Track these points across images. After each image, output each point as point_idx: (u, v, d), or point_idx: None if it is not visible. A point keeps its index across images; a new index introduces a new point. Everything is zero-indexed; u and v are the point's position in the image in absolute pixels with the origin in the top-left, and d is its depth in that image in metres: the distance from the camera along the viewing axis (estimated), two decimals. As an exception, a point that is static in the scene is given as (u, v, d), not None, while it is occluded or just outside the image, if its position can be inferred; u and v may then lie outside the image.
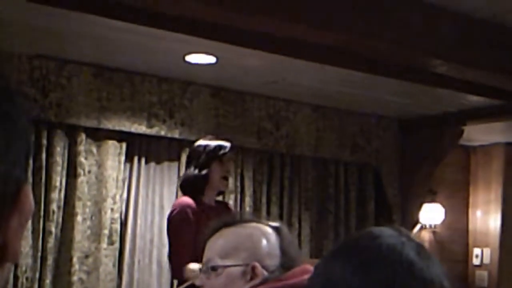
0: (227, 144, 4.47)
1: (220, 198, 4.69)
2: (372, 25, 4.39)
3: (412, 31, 4.52)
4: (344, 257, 1.23)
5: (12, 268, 0.79)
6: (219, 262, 1.97)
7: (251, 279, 1.93)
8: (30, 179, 5.12)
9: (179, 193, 5.76)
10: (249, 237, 2.00)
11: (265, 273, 1.92)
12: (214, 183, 4.39)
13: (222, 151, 4.41)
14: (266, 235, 2.00)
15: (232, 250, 1.98)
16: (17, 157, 0.76)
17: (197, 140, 4.66)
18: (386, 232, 1.24)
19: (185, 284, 3.54)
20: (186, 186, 4.41)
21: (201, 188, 4.36)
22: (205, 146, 4.42)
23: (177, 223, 4.26)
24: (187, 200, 4.35)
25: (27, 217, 0.78)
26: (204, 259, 2.02)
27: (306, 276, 1.88)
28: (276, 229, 2.03)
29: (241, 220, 2.06)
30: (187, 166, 4.49)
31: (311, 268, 1.95)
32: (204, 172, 4.34)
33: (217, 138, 4.57)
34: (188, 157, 4.53)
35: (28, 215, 0.78)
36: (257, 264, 1.93)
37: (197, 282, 2.04)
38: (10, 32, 4.83)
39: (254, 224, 2.04)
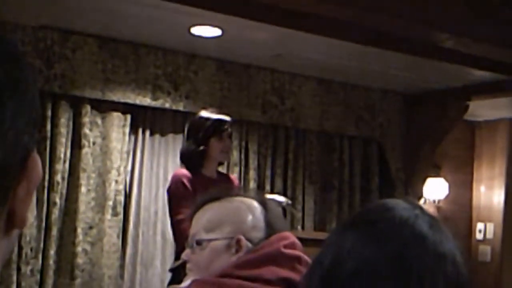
0: (227, 118, 4.41)
1: (223, 169, 4.67)
2: (379, -2, 4.37)
3: (418, 5, 4.49)
4: (356, 228, 1.22)
5: (18, 235, 0.79)
6: (204, 236, 1.98)
7: (236, 252, 1.93)
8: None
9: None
10: (234, 211, 2.00)
11: (250, 245, 1.93)
12: (213, 157, 4.37)
13: (221, 127, 4.37)
14: (251, 208, 2.00)
15: (217, 224, 1.98)
16: (26, 125, 0.76)
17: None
18: (400, 205, 1.23)
19: (182, 260, 3.54)
20: (185, 159, 4.39)
21: (200, 162, 4.34)
22: (205, 120, 4.37)
23: (174, 194, 4.25)
24: (183, 171, 4.32)
25: (35, 185, 0.78)
26: (190, 234, 2.03)
27: (283, 243, 1.88)
28: (261, 202, 2.03)
29: (227, 194, 2.06)
30: (186, 138, 4.47)
31: (289, 235, 1.95)
32: (201, 148, 4.31)
33: (218, 111, 4.51)
34: (188, 130, 4.49)
35: (36, 182, 0.78)
36: (241, 237, 1.93)
37: (183, 256, 2.04)
38: (14, 3, 4.81)
39: (240, 198, 2.04)
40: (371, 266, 1.16)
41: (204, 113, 4.43)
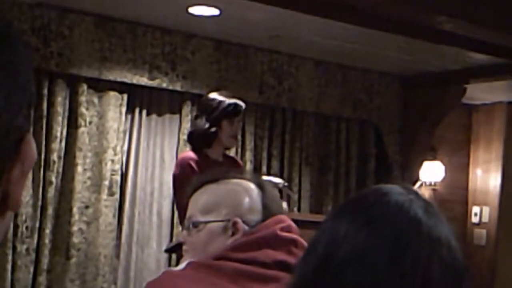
0: (242, 104, 4.45)
1: (230, 152, 4.68)
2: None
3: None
4: (350, 213, 1.22)
5: (12, 217, 0.79)
6: (200, 218, 1.97)
7: (233, 234, 1.93)
8: (31, 129, 5.11)
9: (180, 145, 5.79)
10: (231, 193, 1.99)
11: (246, 228, 1.93)
12: (222, 139, 4.37)
13: (236, 111, 4.38)
14: (248, 191, 1.99)
15: (214, 206, 1.97)
16: (20, 106, 0.75)
17: (205, 93, 4.62)
18: (395, 190, 1.22)
19: (177, 240, 3.54)
20: (195, 138, 4.39)
21: (209, 143, 4.34)
22: (220, 102, 4.37)
23: (182, 178, 4.22)
24: (190, 154, 4.34)
25: (29, 166, 0.77)
26: (186, 216, 2.02)
27: (279, 226, 1.88)
28: (259, 184, 2.02)
29: (224, 176, 2.05)
30: (196, 117, 4.46)
31: (285, 218, 1.95)
32: (213, 129, 4.32)
33: (233, 96, 4.51)
34: (200, 109, 4.49)
35: (31, 164, 0.77)
36: (238, 220, 1.93)
37: (180, 238, 2.04)
38: (11, -20, 4.78)
39: (236, 180, 2.03)
40: (366, 251, 1.15)
41: (218, 96, 4.42)
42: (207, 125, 4.33)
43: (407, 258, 1.14)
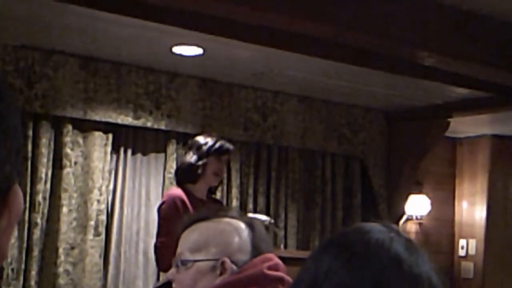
0: (231, 146, 4.56)
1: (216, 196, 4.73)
2: (359, 16, 4.39)
3: (399, 23, 4.51)
4: (333, 251, 1.22)
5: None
6: (189, 256, 1.97)
7: (221, 274, 1.93)
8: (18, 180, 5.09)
9: (166, 184, 5.79)
10: (221, 233, 1.99)
11: (234, 268, 1.93)
12: (207, 176, 4.41)
13: (222, 150, 4.45)
14: (238, 230, 1.99)
15: (203, 245, 1.98)
16: (8, 156, 0.75)
17: (190, 131, 4.68)
18: (375, 228, 1.23)
19: (164, 280, 3.53)
20: (181, 172, 4.43)
21: (195, 177, 4.38)
22: (208, 140, 4.48)
23: (166, 214, 4.27)
24: (178, 191, 4.37)
25: (17, 217, 0.76)
26: (176, 254, 2.02)
27: (266, 264, 1.88)
28: (249, 224, 2.03)
29: (215, 215, 2.06)
30: (185, 153, 4.54)
31: (273, 256, 1.95)
32: (200, 162, 4.37)
33: (221, 139, 4.60)
34: (189, 147, 4.56)
35: (18, 214, 0.77)
36: (226, 259, 1.93)
37: (168, 275, 2.04)
38: (-5, 22, 4.79)
39: (227, 219, 2.03)
40: None
41: (208, 138, 4.53)
42: (194, 159, 4.38)
43: None
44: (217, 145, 4.45)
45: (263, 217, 4.98)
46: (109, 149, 5.66)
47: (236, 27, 4.60)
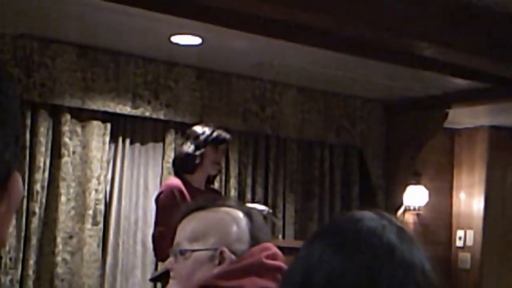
0: (228, 136, 4.55)
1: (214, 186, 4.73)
2: (358, 7, 4.38)
3: (398, 13, 4.51)
4: (325, 240, 1.23)
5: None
6: (187, 246, 1.97)
7: (219, 263, 1.92)
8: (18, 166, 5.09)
9: (164, 174, 5.79)
10: (219, 222, 1.99)
11: (233, 257, 1.92)
12: (205, 166, 4.42)
13: (220, 139, 4.46)
14: (236, 220, 1.99)
15: (201, 235, 1.97)
16: (7, 143, 0.75)
17: (188, 121, 4.68)
18: (368, 216, 1.23)
19: (162, 269, 3.54)
20: (179, 162, 4.44)
21: (193, 167, 4.38)
22: (206, 130, 4.48)
23: (163, 204, 4.28)
24: (176, 181, 4.37)
25: (16, 203, 0.76)
26: (174, 243, 2.02)
27: (264, 253, 1.88)
28: (247, 214, 2.02)
29: (213, 204, 2.05)
30: (182, 144, 4.53)
31: (271, 245, 1.95)
32: (198, 152, 4.38)
33: (219, 128, 4.60)
34: (186, 137, 4.55)
35: (17, 201, 0.77)
36: (225, 249, 1.92)
37: (167, 264, 2.04)
38: (-7, 11, 4.78)
39: (225, 209, 2.03)
40: (340, 277, 1.16)
41: (205, 128, 4.52)
42: (192, 149, 4.38)
43: (382, 283, 1.15)
44: (215, 134, 4.46)
45: (261, 207, 4.98)
46: (107, 138, 5.65)
47: (235, 17, 4.59)
